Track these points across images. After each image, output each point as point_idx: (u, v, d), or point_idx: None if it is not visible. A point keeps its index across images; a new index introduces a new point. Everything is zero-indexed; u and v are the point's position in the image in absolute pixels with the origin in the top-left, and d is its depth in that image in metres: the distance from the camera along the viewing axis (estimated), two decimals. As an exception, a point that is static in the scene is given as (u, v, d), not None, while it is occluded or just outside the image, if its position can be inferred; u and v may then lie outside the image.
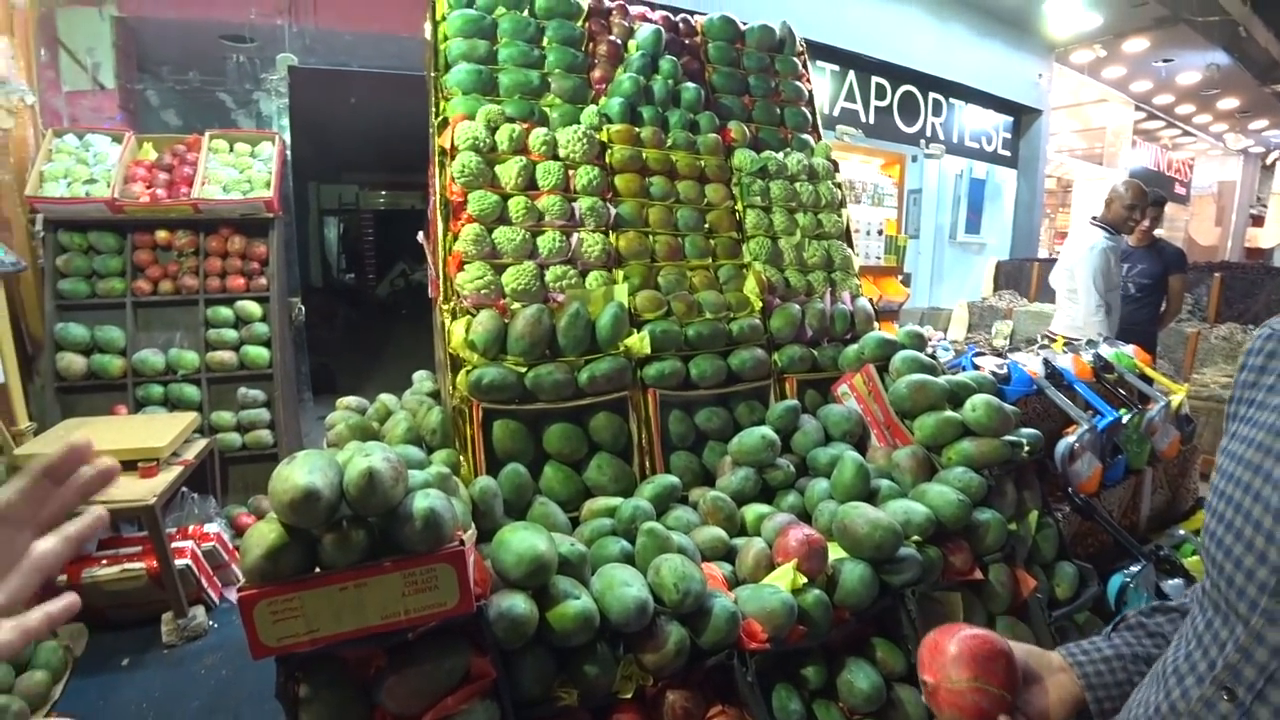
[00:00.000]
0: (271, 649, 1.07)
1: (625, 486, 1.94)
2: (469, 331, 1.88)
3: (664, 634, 1.33)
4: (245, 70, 3.84)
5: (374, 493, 1.06)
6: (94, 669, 2.56)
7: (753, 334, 2.27)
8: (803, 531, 1.59)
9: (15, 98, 3.26)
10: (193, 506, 3.11)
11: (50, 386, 3.31)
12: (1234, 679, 0.53)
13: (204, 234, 3.51)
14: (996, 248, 7.73)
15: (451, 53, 2.29)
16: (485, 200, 2.05)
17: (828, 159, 2.76)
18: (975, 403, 2.00)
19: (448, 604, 1.12)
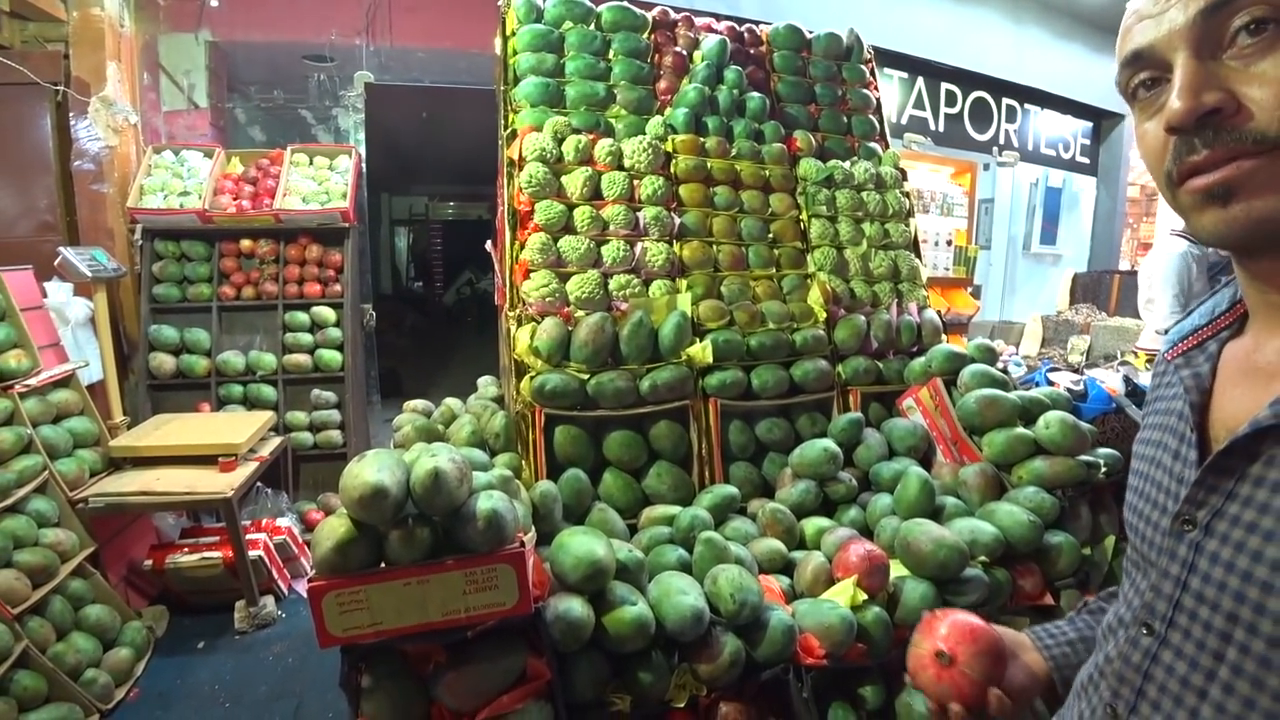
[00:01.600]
0: (337, 638, 1.11)
1: (684, 495, 1.93)
2: (533, 338, 1.92)
3: (719, 644, 1.32)
4: (325, 88, 4.05)
5: (439, 492, 1.09)
6: (173, 650, 2.71)
7: (816, 345, 2.24)
8: (864, 547, 1.55)
9: (121, 118, 3.53)
10: (266, 501, 3.27)
11: (143, 384, 3.54)
12: (1150, 614, 0.62)
13: (284, 243, 3.69)
14: (1073, 259, 7.37)
15: (520, 66, 2.34)
16: (551, 210, 2.09)
17: (896, 167, 2.70)
18: (1049, 420, 1.91)
19: (507, 604, 1.14)
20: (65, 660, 2.27)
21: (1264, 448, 0.54)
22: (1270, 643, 0.51)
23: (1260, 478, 0.54)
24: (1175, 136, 0.54)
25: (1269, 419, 0.53)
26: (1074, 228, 7.37)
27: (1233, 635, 0.54)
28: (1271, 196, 0.51)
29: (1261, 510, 0.53)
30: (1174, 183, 0.56)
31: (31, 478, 2.46)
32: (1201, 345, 0.67)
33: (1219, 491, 0.57)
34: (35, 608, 2.28)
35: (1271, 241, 0.54)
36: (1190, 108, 0.52)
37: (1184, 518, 0.59)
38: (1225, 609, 0.55)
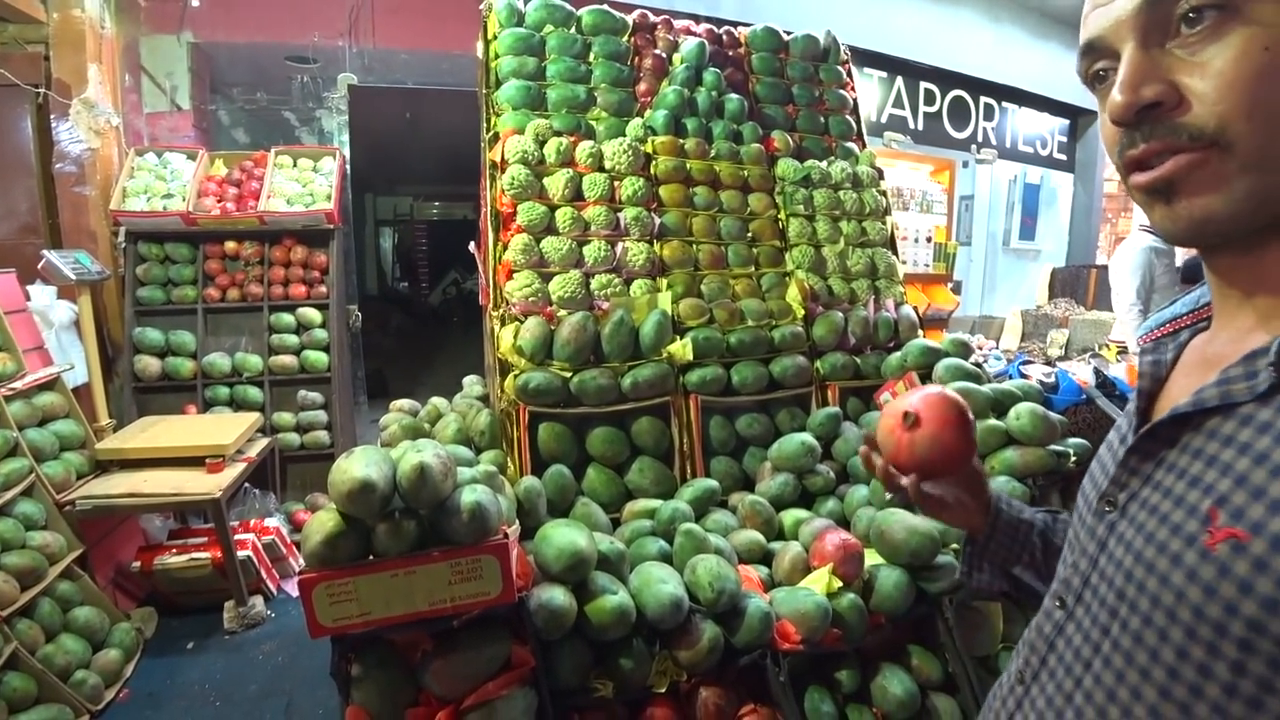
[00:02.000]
0: (328, 629, 1.15)
1: (666, 490, 1.98)
2: (517, 337, 1.96)
3: (698, 631, 1.37)
4: (308, 89, 4.05)
5: (424, 486, 1.13)
6: (162, 651, 2.72)
7: (795, 341, 2.29)
8: (839, 536, 1.60)
9: (103, 120, 3.52)
10: (254, 501, 3.28)
11: (128, 386, 3.53)
12: (1065, 590, 0.64)
13: (269, 244, 3.70)
14: (1052, 254, 7.50)
15: (502, 70, 2.38)
16: (534, 211, 2.12)
17: (872, 166, 2.76)
18: (1019, 411, 1.98)
19: (491, 593, 1.18)
20: (55, 662, 2.28)
21: (1184, 435, 0.55)
22: (1144, 620, 0.53)
23: (1173, 464, 0.55)
24: (1120, 130, 0.54)
25: (1188, 406, 0.54)
26: (1052, 223, 7.48)
27: (1119, 612, 0.56)
28: (1211, 195, 0.50)
29: (1165, 495, 0.54)
30: (1124, 175, 0.56)
31: (18, 481, 2.46)
32: (1176, 333, 0.67)
33: (1139, 475, 0.58)
34: (24, 610, 2.29)
35: (1221, 238, 0.54)
36: (1128, 102, 0.52)
37: (1107, 498, 0.61)
38: (1117, 587, 0.56)
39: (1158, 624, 0.51)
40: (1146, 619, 0.52)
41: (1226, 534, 0.48)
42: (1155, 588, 0.52)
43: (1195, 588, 0.49)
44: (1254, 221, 0.51)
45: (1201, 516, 0.50)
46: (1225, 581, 0.47)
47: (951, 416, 0.78)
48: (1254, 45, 0.47)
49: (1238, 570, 0.46)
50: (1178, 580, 0.50)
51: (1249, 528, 0.46)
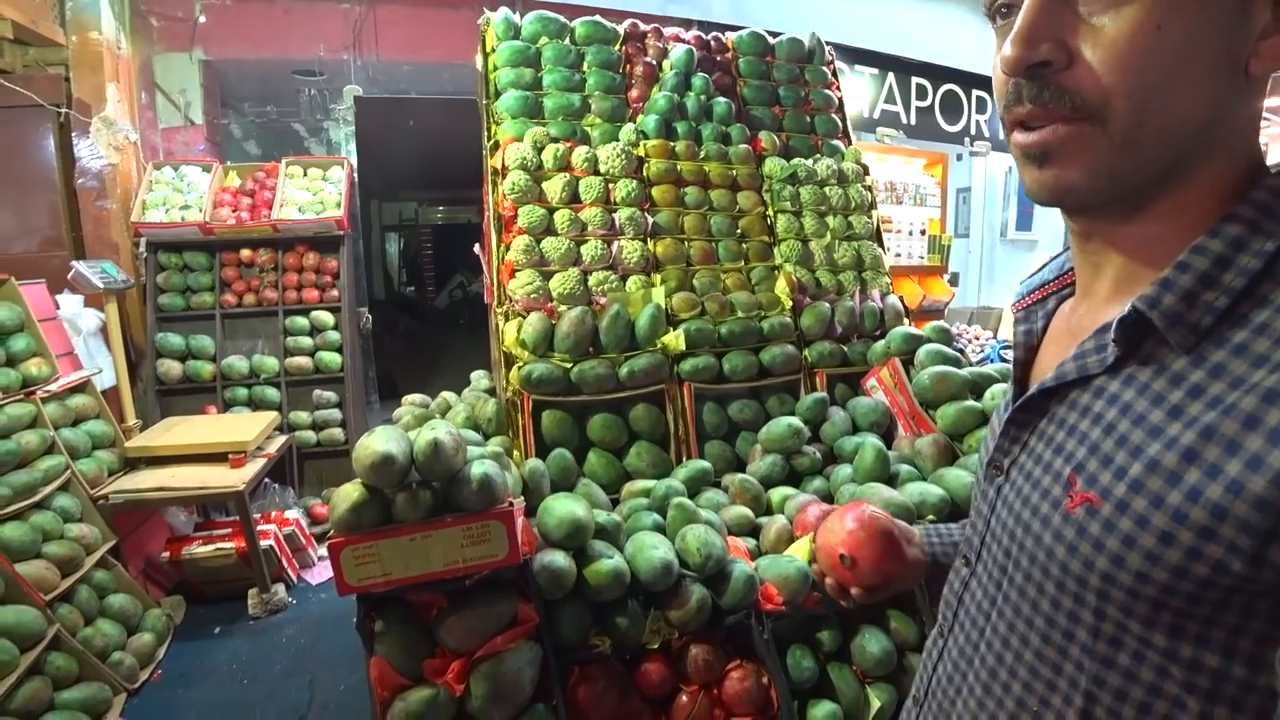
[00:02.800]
0: (354, 588, 1.29)
1: (662, 472, 2.12)
2: (520, 331, 2.10)
3: (688, 593, 1.50)
4: (316, 102, 4.21)
5: (438, 459, 1.27)
6: (191, 635, 2.89)
7: (783, 331, 2.42)
8: (820, 508, 1.73)
9: (122, 136, 3.69)
10: (274, 495, 3.44)
11: (151, 389, 3.70)
12: (969, 549, 0.69)
13: (282, 251, 3.86)
14: (1050, 244, 7.58)
15: (501, 81, 2.52)
16: (534, 214, 2.26)
17: (858, 163, 2.88)
18: (995, 392, 2.10)
19: (499, 555, 1.32)
20: (93, 643, 2.44)
21: (1050, 405, 0.59)
22: (1025, 577, 0.58)
23: (1043, 432, 0.59)
24: (1009, 80, 0.53)
25: (1051, 380, 0.58)
26: (1049, 213, 7.53)
27: (1007, 569, 0.61)
28: (1078, 169, 0.51)
29: (1037, 461, 0.59)
30: (1007, 129, 0.56)
31: (55, 476, 2.63)
32: (1044, 300, 0.69)
33: (1018, 442, 0.62)
34: (64, 596, 2.45)
35: (1078, 208, 0.56)
36: (1018, 56, 0.51)
37: (994, 464, 0.65)
38: (1004, 546, 0.61)
39: (1035, 578, 0.57)
40: (1027, 575, 0.58)
41: (1082, 499, 0.52)
42: (1031, 547, 0.57)
43: (1060, 546, 0.54)
44: (1110, 196, 0.53)
45: (1064, 482, 0.55)
46: (1083, 541, 0.52)
47: (881, 545, 0.84)
48: (1149, 20, 0.47)
49: (1092, 530, 0.51)
50: (1047, 540, 0.55)
51: (1100, 492, 0.51)
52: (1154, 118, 0.49)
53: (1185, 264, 0.51)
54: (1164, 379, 0.51)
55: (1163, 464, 0.48)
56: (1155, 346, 0.52)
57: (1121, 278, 0.57)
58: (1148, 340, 0.53)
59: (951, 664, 0.68)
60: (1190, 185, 0.52)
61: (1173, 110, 0.49)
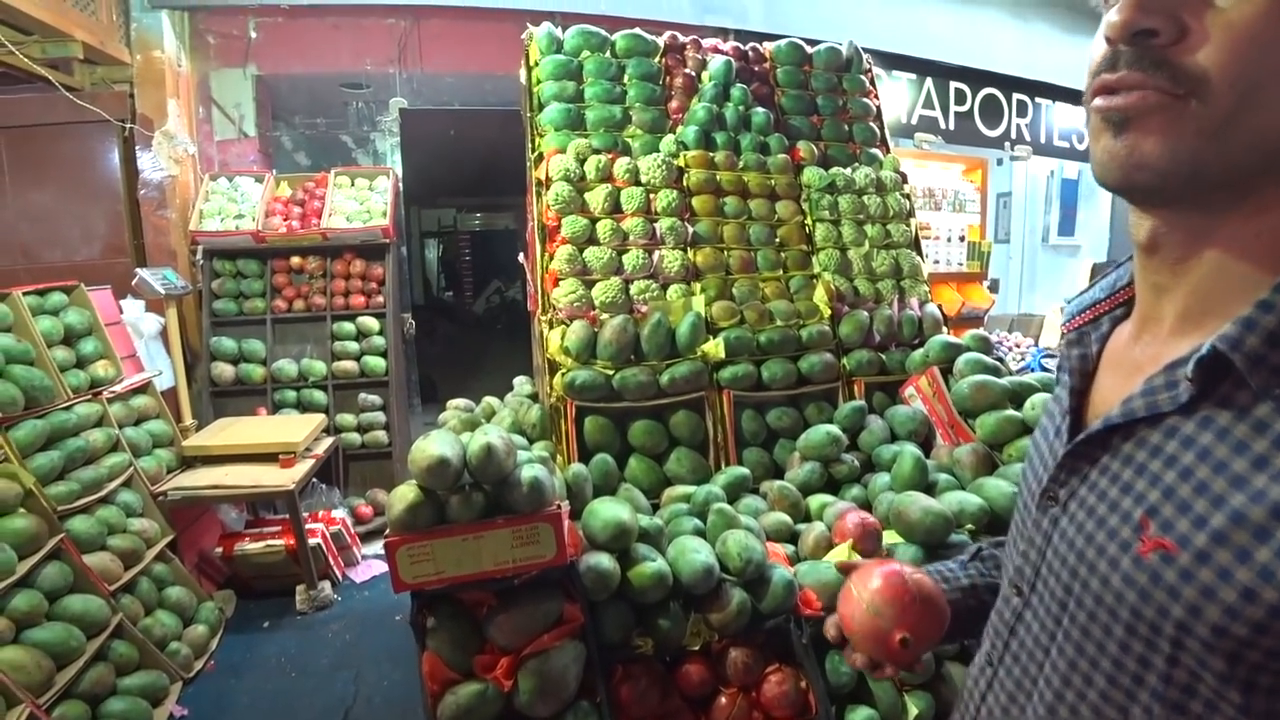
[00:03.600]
0: (409, 585, 1.35)
1: (702, 478, 2.15)
2: (564, 339, 2.15)
3: (728, 596, 1.53)
4: (363, 114, 4.36)
5: (491, 463, 1.33)
6: (241, 628, 3.00)
7: (822, 340, 2.43)
8: (859, 515, 1.75)
9: (181, 149, 3.86)
10: (321, 495, 3.56)
11: (205, 391, 3.85)
12: (1020, 578, 0.67)
13: (330, 258, 4.00)
14: (1093, 249, 7.41)
15: (544, 94, 2.59)
16: (577, 224, 2.32)
17: (896, 171, 2.88)
18: (1035, 401, 2.09)
19: (547, 556, 1.37)
20: (153, 633, 2.55)
21: (1115, 440, 0.57)
22: (1089, 615, 0.56)
23: (1106, 467, 0.57)
24: (1109, 48, 0.51)
25: (1118, 417, 0.56)
26: (1093, 218, 7.40)
27: (1068, 605, 0.59)
28: (1159, 140, 0.48)
29: (1101, 498, 0.57)
30: (1088, 94, 0.53)
31: (120, 473, 2.76)
32: (1096, 321, 0.67)
33: (1077, 474, 0.60)
34: (126, 587, 2.57)
35: (1147, 195, 0.52)
36: (1126, 20, 0.48)
37: (1049, 494, 0.63)
38: (1064, 581, 0.59)
39: (1101, 620, 0.55)
40: (1091, 615, 0.56)
41: (1156, 544, 0.50)
42: (1098, 587, 0.55)
43: (1131, 591, 0.52)
44: (1185, 186, 0.49)
45: (1134, 524, 0.53)
46: (1157, 589, 0.50)
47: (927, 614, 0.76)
48: (1275, 9, 0.44)
49: (1167, 578, 0.49)
50: (1116, 582, 0.53)
51: (1177, 540, 0.49)
52: (1254, 115, 0.46)
53: (1270, 303, 0.48)
54: (1246, 425, 0.48)
55: (1249, 517, 0.46)
56: (1233, 388, 0.49)
57: (1189, 305, 0.55)
58: (1225, 381, 0.50)
59: (1006, 695, 0.67)
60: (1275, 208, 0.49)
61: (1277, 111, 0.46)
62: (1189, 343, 0.53)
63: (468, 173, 7.76)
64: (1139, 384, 0.55)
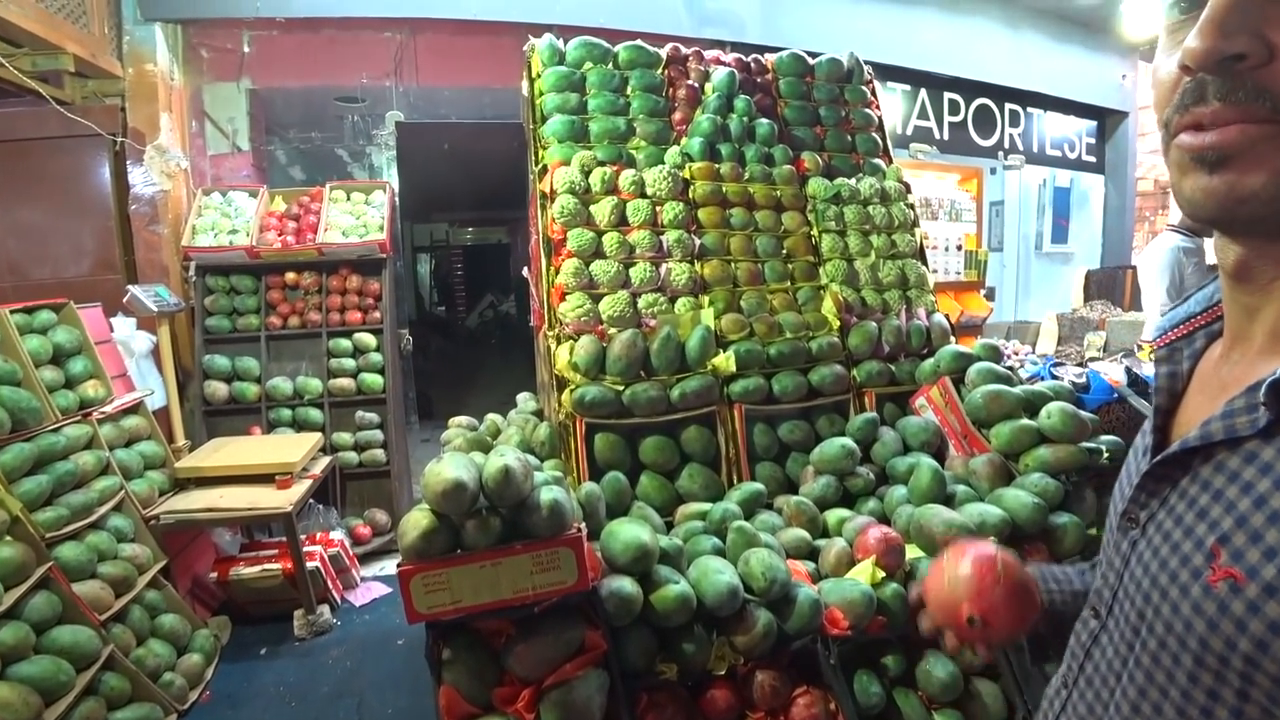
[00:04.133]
0: (424, 615, 1.29)
1: (714, 494, 2.10)
2: (572, 354, 2.11)
3: (753, 618, 1.48)
4: (358, 128, 4.31)
5: (509, 486, 1.28)
6: (237, 656, 2.91)
7: (831, 351, 2.40)
8: (881, 530, 1.71)
9: (173, 163, 3.80)
10: (318, 516, 3.48)
11: (198, 410, 3.77)
12: (1098, 600, 0.66)
13: (326, 274, 3.93)
14: (1086, 256, 7.45)
15: (547, 106, 2.55)
16: (583, 237, 2.28)
17: (899, 181, 2.86)
18: (1050, 410, 2.06)
19: (568, 582, 1.31)
20: (145, 663, 2.46)
21: (1194, 463, 0.55)
22: (1159, 643, 0.55)
23: (1185, 490, 0.56)
24: (1187, 78, 0.47)
25: (1196, 440, 0.54)
26: (1085, 226, 7.45)
27: (1140, 631, 0.58)
28: (1263, 174, 0.45)
29: (1177, 523, 0.55)
30: (1171, 133, 0.50)
31: (110, 496, 2.68)
32: (1190, 336, 0.65)
33: (1157, 496, 0.59)
34: (117, 616, 2.48)
35: (1249, 227, 0.50)
36: (1210, 47, 0.44)
37: (1129, 516, 0.62)
38: (1138, 606, 0.58)
39: (1171, 648, 0.54)
40: (1162, 642, 0.55)
41: (1226, 574, 0.49)
42: (1168, 615, 0.54)
43: (1200, 620, 0.50)
44: None
45: (1206, 552, 0.51)
46: (1225, 619, 0.48)
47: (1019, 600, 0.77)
48: None
49: (1234, 610, 0.48)
50: (1186, 611, 0.52)
51: (1246, 571, 0.47)
52: None
53: None
54: None
55: None
56: None
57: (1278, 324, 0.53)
58: None
59: (1078, 717, 0.66)
60: None
61: None
62: (1275, 363, 0.50)
63: (461, 187, 7.72)
64: (1220, 405, 0.53)
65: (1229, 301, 0.58)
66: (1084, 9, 5.93)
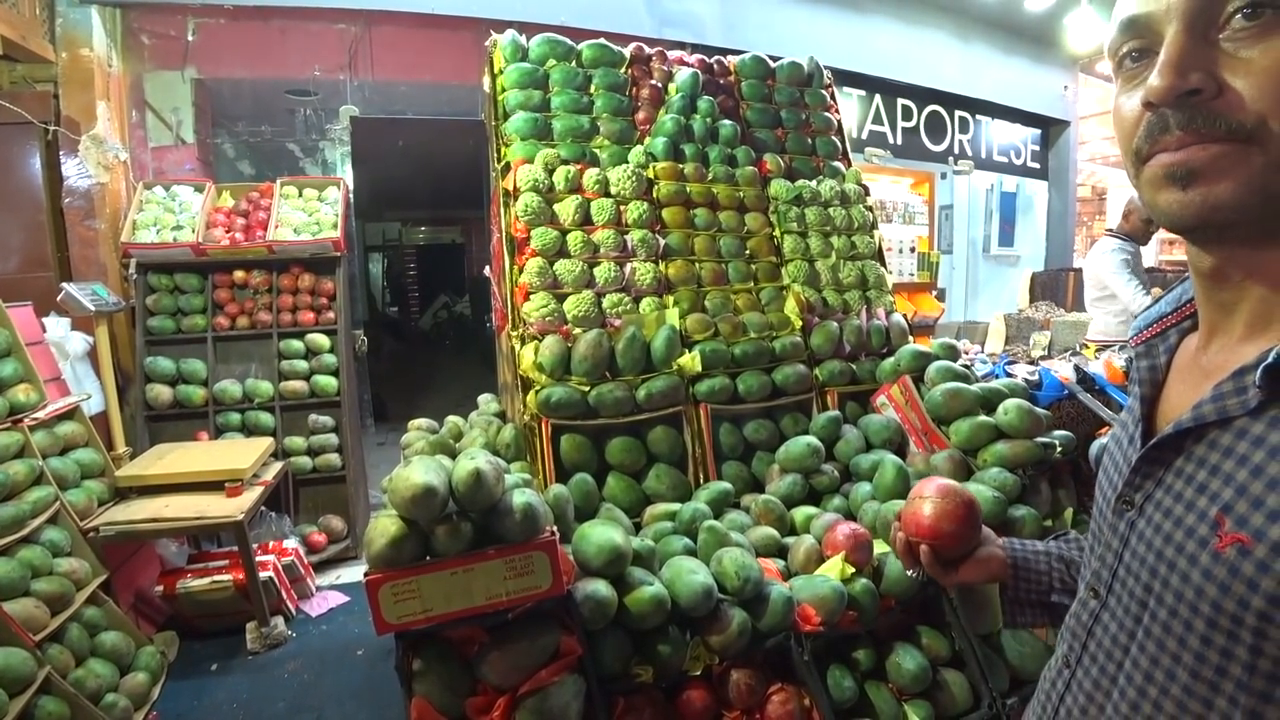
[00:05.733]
0: (393, 626, 1.25)
1: (682, 494, 2.10)
2: (537, 355, 2.07)
3: (728, 617, 1.48)
4: (311, 122, 4.17)
5: (480, 489, 1.24)
6: (186, 673, 2.77)
7: (795, 351, 2.43)
8: (849, 527, 1.73)
9: (111, 155, 3.61)
10: (270, 524, 3.35)
11: (140, 415, 3.59)
12: (1097, 581, 0.70)
13: (277, 273, 3.78)
14: (1031, 259, 7.75)
15: (509, 103, 2.51)
16: (546, 236, 2.25)
17: (858, 184, 2.92)
18: (1007, 407, 2.12)
19: (542, 586, 1.29)
20: (86, 685, 2.32)
21: (1187, 444, 0.60)
22: (1170, 613, 0.58)
23: (1181, 469, 0.60)
24: (1150, 113, 0.55)
25: (1189, 421, 0.59)
26: (1030, 229, 7.74)
27: (1148, 604, 0.61)
28: (1229, 184, 0.52)
29: (1176, 499, 0.60)
30: (1141, 159, 0.57)
31: (44, 508, 2.53)
32: (1164, 334, 0.71)
33: (1152, 478, 0.63)
34: (53, 635, 2.33)
35: (1221, 233, 0.56)
36: (1170, 85, 0.52)
37: (1124, 498, 0.66)
38: (1144, 581, 0.62)
39: (1183, 615, 0.57)
40: (1173, 611, 0.58)
41: (1233, 539, 0.53)
42: (1178, 584, 0.57)
43: (1211, 585, 0.54)
44: (1259, 216, 0.53)
45: (1210, 522, 0.55)
46: (1236, 580, 0.52)
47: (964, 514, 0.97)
48: None
49: (1245, 571, 0.52)
50: (1196, 578, 0.56)
51: (1252, 534, 0.52)
52: None
53: None
54: None
55: None
56: None
57: (1259, 314, 0.58)
58: None
59: (1084, 695, 0.69)
60: None
61: None
62: (1256, 349, 0.56)
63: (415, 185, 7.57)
64: (1208, 390, 0.58)
65: (1204, 301, 0.64)
66: (1030, 23, 6.16)
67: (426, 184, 7.38)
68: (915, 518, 0.97)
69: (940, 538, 0.94)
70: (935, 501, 0.96)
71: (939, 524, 0.95)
